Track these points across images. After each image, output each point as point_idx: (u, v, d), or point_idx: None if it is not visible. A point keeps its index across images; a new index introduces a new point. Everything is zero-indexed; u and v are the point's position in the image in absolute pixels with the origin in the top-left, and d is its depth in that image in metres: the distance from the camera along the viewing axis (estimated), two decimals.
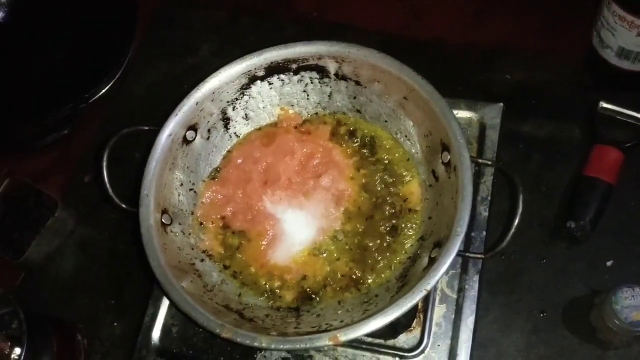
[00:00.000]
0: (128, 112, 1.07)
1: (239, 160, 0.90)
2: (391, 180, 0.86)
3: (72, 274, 0.96)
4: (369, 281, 0.81)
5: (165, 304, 0.87)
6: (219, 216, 0.87)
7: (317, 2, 1.12)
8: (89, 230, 0.98)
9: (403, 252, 0.82)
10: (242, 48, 0.90)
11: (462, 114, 0.92)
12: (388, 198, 0.85)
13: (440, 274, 0.72)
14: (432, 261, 0.74)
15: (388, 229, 0.84)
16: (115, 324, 0.92)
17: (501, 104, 0.93)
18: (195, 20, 1.15)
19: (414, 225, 0.83)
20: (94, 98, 1.00)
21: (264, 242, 0.85)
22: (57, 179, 1.03)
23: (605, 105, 0.91)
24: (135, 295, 0.91)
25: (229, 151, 0.91)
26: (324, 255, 0.83)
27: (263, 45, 0.88)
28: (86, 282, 0.95)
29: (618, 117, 0.91)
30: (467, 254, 0.79)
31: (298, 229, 0.85)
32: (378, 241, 0.83)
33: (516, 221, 0.74)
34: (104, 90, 1.01)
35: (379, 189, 0.86)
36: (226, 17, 1.14)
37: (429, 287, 0.71)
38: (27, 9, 1.09)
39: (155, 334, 0.86)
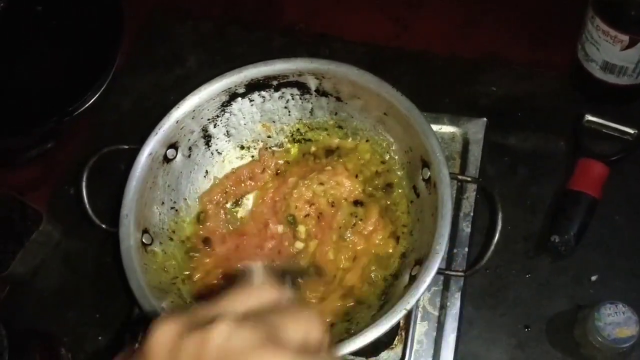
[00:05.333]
0: (115, 124, 1.06)
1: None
2: None
3: (57, 287, 0.95)
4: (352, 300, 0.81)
5: None
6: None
7: (304, 13, 1.12)
8: (74, 243, 0.98)
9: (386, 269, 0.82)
10: (229, 59, 0.89)
11: (446, 129, 0.91)
12: None
13: (420, 293, 0.71)
14: (413, 279, 0.73)
15: None
16: (100, 337, 0.91)
17: (484, 119, 0.92)
18: (183, 31, 1.14)
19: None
20: (79, 111, 1.00)
21: None
22: (42, 192, 1.02)
23: (590, 118, 0.91)
24: (121, 309, 0.90)
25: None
26: None
27: (250, 56, 0.87)
28: (71, 296, 0.95)
29: (603, 130, 0.91)
30: (447, 272, 0.79)
31: None
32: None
33: (495, 239, 0.73)
34: (88, 104, 1.00)
35: None
36: (213, 28, 1.13)
37: (408, 307, 0.70)
38: (11, 20, 1.07)
39: None
